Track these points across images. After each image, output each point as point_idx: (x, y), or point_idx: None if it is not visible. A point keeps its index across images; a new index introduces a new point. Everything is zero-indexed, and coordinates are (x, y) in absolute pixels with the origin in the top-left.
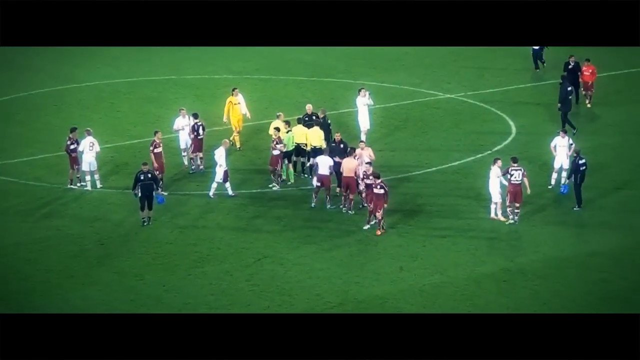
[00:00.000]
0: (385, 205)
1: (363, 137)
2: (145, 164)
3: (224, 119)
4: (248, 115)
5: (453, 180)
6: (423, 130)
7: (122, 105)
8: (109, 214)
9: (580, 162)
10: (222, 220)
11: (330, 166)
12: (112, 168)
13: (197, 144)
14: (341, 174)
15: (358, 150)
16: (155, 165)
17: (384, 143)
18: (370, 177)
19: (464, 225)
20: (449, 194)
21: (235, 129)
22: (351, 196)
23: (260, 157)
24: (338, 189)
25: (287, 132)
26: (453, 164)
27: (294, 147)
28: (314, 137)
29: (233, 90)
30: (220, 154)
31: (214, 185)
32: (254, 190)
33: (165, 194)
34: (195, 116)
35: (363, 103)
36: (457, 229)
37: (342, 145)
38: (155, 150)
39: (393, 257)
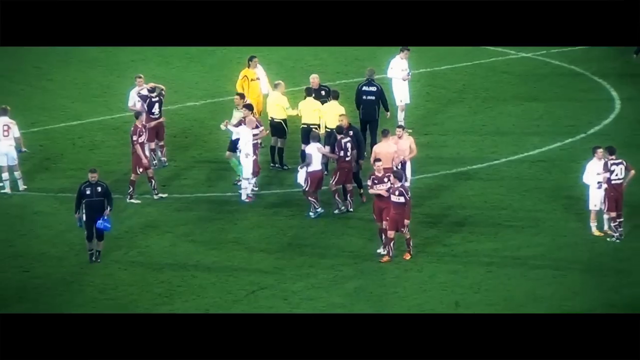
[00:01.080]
0: (407, 221)
1: (401, 117)
2: (93, 170)
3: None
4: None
5: (530, 176)
6: (487, 104)
7: (54, 72)
8: (36, 227)
9: None
10: (199, 235)
11: (322, 157)
12: (41, 162)
13: (152, 129)
14: (350, 169)
15: (393, 139)
16: (145, 161)
17: (431, 124)
18: (386, 180)
19: (547, 241)
20: (525, 196)
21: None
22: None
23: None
24: (360, 192)
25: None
26: (530, 153)
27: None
28: (331, 115)
29: (250, 59)
30: (246, 139)
31: (245, 183)
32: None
33: (164, 195)
34: (151, 90)
35: (402, 68)
36: (537, 248)
37: (351, 133)
38: (140, 140)
39: (444, 288)
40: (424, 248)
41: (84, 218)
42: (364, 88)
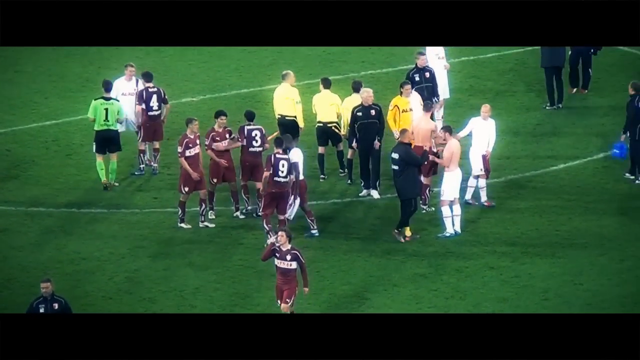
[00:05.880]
0: (290, 298)
1: (439, 115)
2: (47, 280)
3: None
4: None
5: (594, 184)
6: (542, 98)
7: (23, 62)
8: (2, 248)
9: None
10: (197, 257)
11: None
12: (8, 169)
13: (149, 128)
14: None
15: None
16: (195, 175)
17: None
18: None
19: (614, 264)
20: (587, 209)
21: None
22: (425, 180)
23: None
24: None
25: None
26: (594, 157)
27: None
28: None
29: (402, 86)
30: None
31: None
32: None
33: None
34: (147, 77)
35: (438, 55)
36: (602, 272)
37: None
38: (192, 153)
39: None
40: (467, 272)
41: None
42: None
